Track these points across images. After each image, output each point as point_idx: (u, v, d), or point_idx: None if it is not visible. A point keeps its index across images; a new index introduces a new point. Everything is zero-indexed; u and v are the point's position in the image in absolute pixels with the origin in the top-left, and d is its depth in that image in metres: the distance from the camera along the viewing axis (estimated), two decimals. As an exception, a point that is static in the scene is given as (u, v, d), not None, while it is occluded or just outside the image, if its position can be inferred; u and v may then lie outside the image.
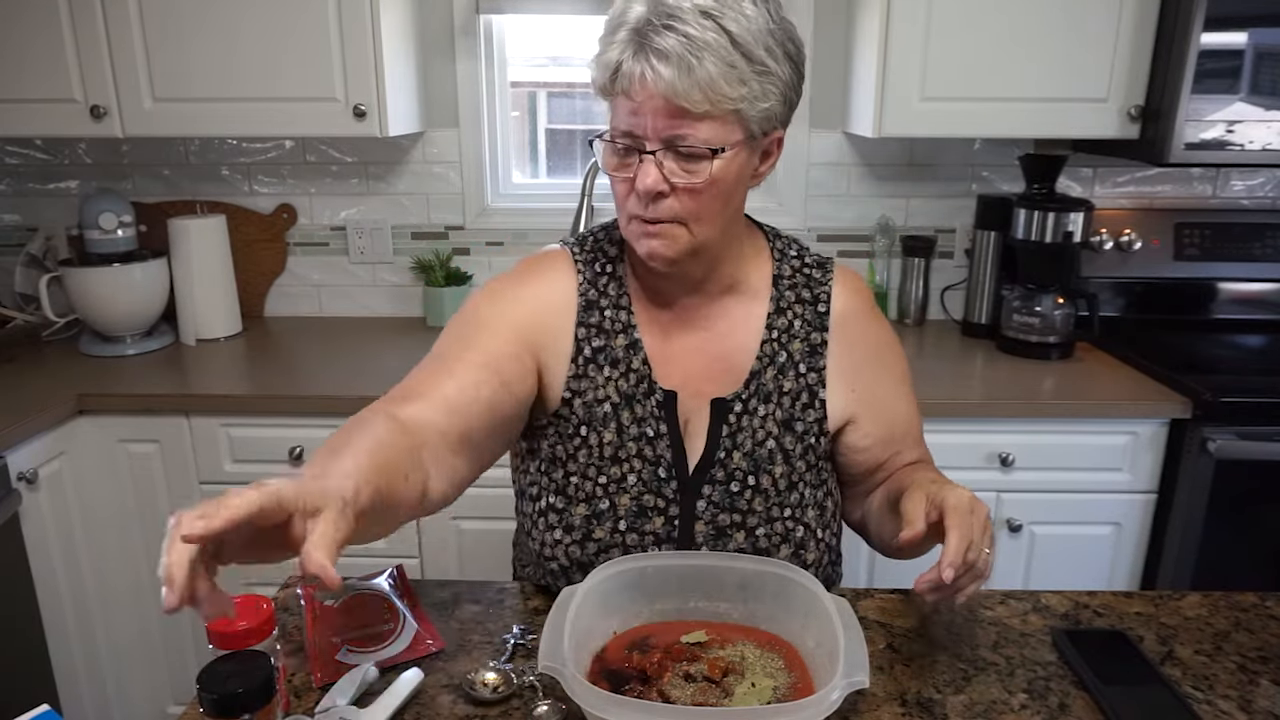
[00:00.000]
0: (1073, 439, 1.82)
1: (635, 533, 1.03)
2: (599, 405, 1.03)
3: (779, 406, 1.05)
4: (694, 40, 0.86)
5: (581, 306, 1.05)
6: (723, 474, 1.04)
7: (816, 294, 1.08)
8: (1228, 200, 2.31)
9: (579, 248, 1.09)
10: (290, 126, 2.02)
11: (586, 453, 1.04)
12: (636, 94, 0.89)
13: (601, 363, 1.04)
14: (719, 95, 0.88)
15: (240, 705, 0.70)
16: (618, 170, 0.95)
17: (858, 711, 0.88)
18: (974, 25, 1.89)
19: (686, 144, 0.90)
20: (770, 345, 1.05)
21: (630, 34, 0.89)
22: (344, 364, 2.04)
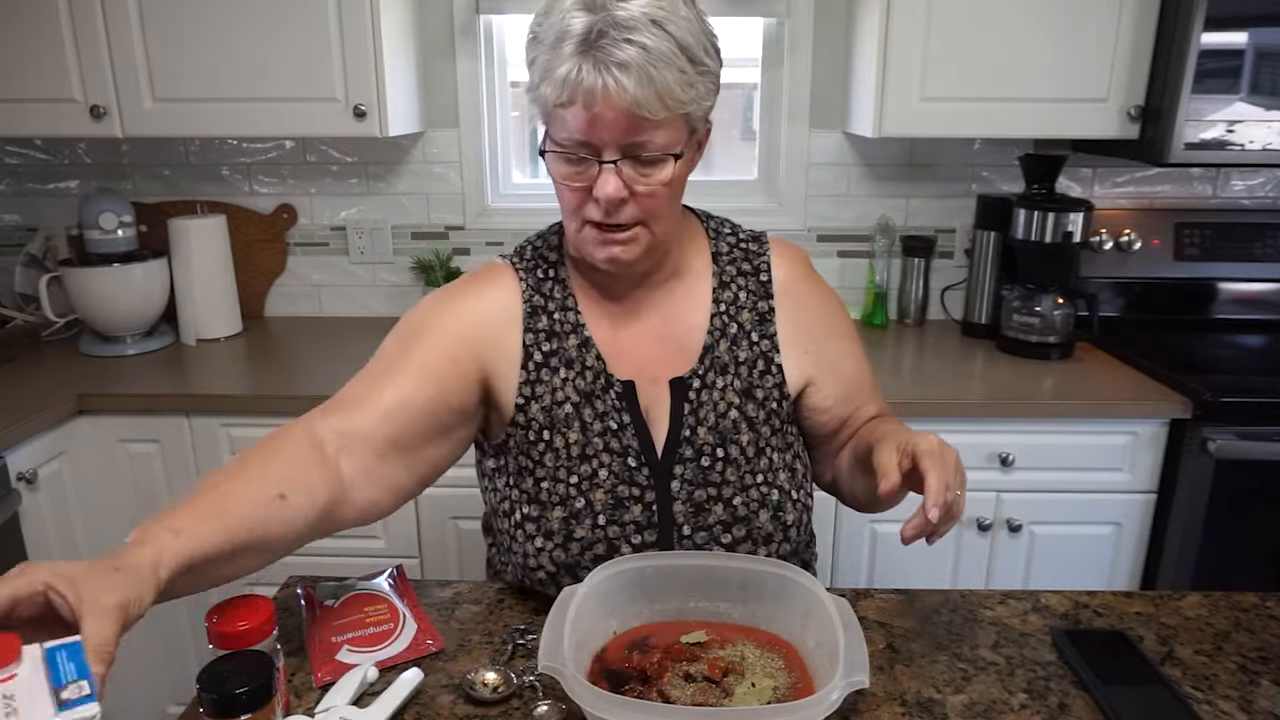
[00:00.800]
0: (1073, 439, 1.82)
1: (616, 525, 1.03)
2: (559, 407, 1.04)
3: (736, 376, 1.06)
4: (650, 51, 0.87)
5: (526, 313, 1.06)
6: (691, 451, 1.04)
7: (756, 265, 1.10)
8: (1228, 200, 2.31)
9: (518, 258, 1.10)
10: (290, 127, 2.02)
11: (553, 456, 1.04)
12: (596, 106, 0.89)
13: (555, 365, 1.04)
14: (676, 102, 0.90)
15: (240, 705, 0.70)
16: (571, 179, 0.95)
17: (858, 711, 0.88)
18: (974, 25, 1.89)
19: (646, 151, 0.92)
20: (719, 319, 1.07)
21: (580, 45, 0.88)
22: (344, 364, 2.02)
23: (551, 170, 0.96)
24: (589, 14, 0.89)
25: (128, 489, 1.89)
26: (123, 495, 1.89)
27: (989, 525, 1.86)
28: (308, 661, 0.95)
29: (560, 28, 0.89)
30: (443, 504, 1.90)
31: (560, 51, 0.89)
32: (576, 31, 0.88)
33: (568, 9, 0.90)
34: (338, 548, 1.92)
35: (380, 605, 1.02)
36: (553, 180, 0.97)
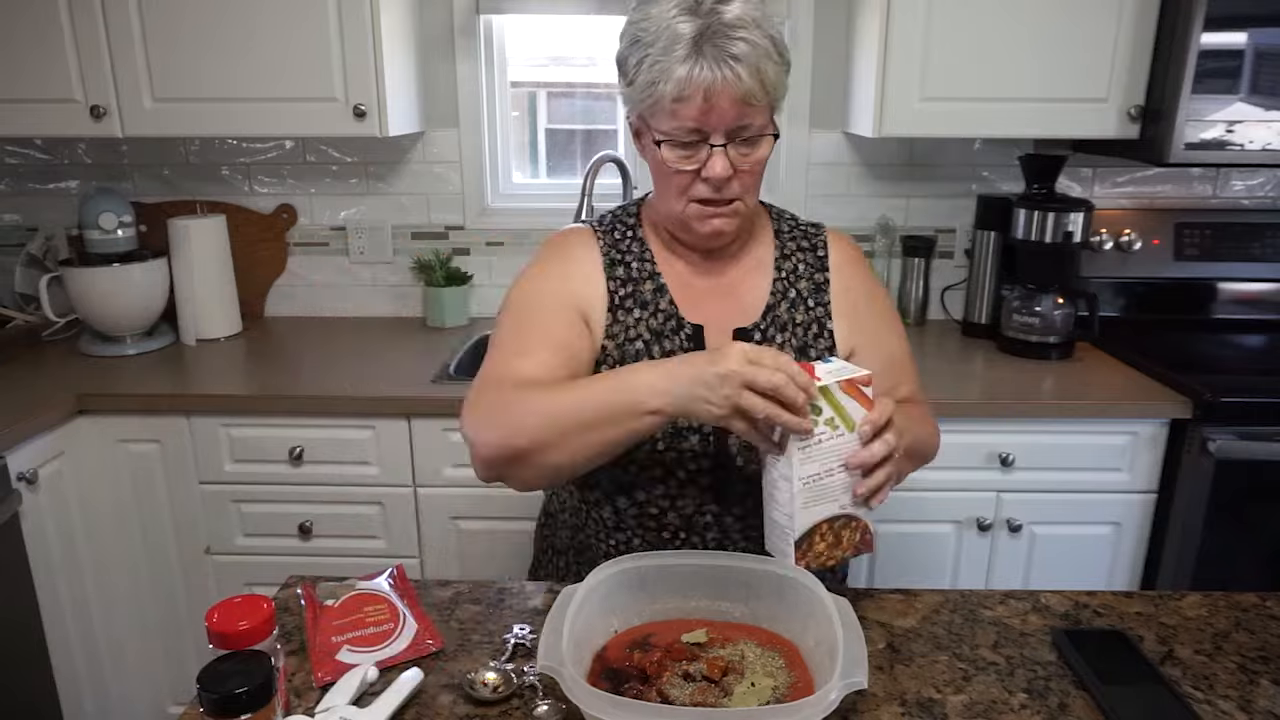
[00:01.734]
0: (1073, 439, 1.82)
1: (673, 451, 1.10)
2: (630, 344, 1.14)
3: (793, 335, 1.17)
4: (756, 46, 1.01)
5: (606, 264, 1.18)
6: None
7: (814, 243, 1.23)
8: (1228, 200, 2.31)
9: (596, 222, 1.23)
10: (290, 126, 2.02)
11: None
12: (715, 97, 1.01)
13: (630, 306, 1.16)
14: (773, 88, 1.04)
15: (240, 705, 0.70)
16: (682, 163, 1.07)
17: (857, 711, 0.88)
18: (974, 25, 1.89)
19: (749, 132, 1.05)
20: (780, 283, 1.19)
21: (693, 46, 1.00)
22: (344, 364, 2.04)
23: (663, 157, 1.07)
24: (693, 17, 1.01)
25: (128, 489, 1.89)
26: (123, 495, 1.89)
27: (989, 525, 1.86)
28: (308, 661, 0.95)
29: (670, 34, 1.01)
30: (443, 504, 1.90)
31: (673, 54, 1.01)
32: (686, 35, 1.00)
33: (672, 17, 1.01)
34: (338, 548, 1.93)
35: (380, 605, 1.02)
36: (657, 166, 1.10)
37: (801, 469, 0.92)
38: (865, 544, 0.99)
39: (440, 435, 1.85)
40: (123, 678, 1.98)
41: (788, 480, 0.93)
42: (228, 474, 1.88)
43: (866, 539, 0.99)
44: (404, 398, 1.83)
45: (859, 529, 0.98)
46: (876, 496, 0.96)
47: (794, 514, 0.93)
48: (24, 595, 1.70)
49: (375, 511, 1.91)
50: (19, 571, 1.68)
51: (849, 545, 0.98)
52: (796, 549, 0.94)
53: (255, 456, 1.87)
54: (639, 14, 1.05)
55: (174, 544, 1.93)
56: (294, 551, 1.92)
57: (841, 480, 0.95)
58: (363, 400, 1.83)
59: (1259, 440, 1.76)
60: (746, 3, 1.02)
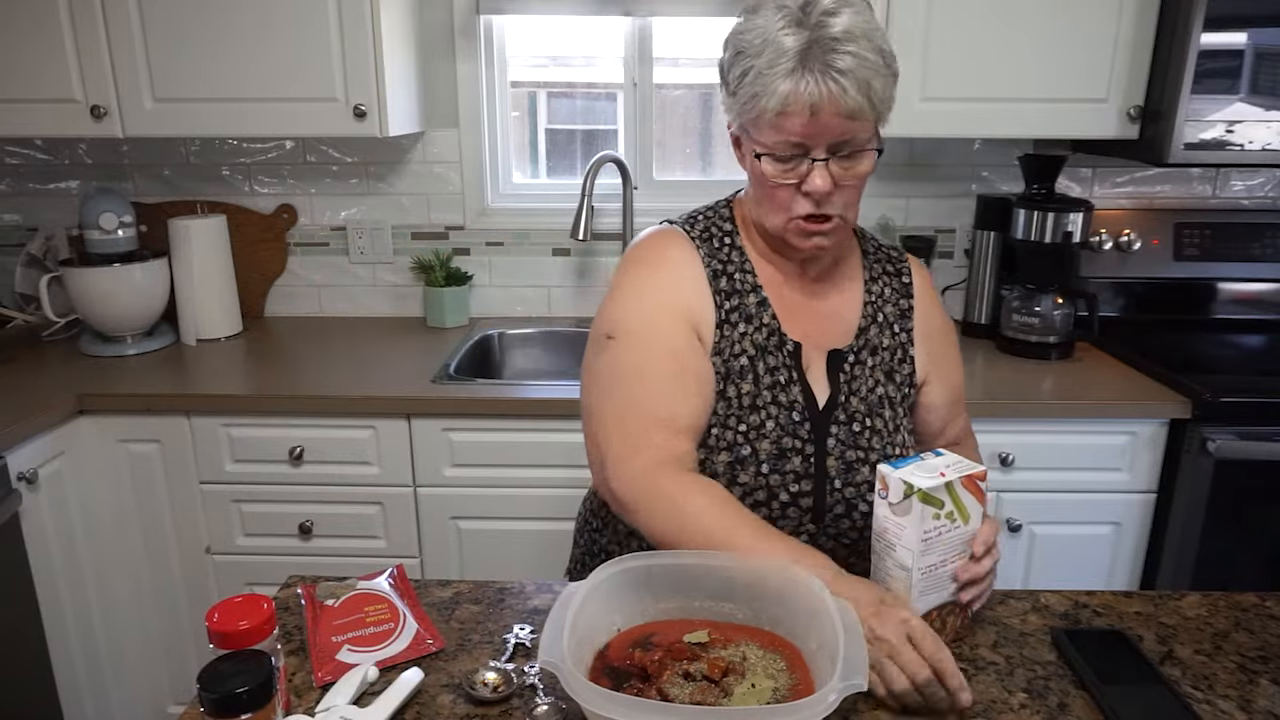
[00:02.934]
0: (1073, 439, 1.82)
1: (777, 473, 1.09)
2: (736, 360, 1.12)
3: (881, 360, 1.17)
4: (866, 61, 0.98)
5: (710, 275, 1.14)
6: (844, 415, 1.13)
7: (899, 269, 1.23)
8: (1228, 200, 2.31)
9: (690, 226, 1.17)
10: (290, 126, 2.02)
11: (725, 405, 1.10)
12: (821, 113, 0.99)
13: (735, 320, 1.13)
14: (880, 102, 1.01)
15: (240, 705, 0.70)
16: (783, 177, 1.05)
17: (857, 711, 0.88)
18: (974, 25, 1.89)
19: (853, 147, 1.03)
20: (871, 306, 1.19)
21: (799, 60, 0.98)
22: (344, 364, 2.04)
23: (764, 170, 1.05)
24: (800, 29, 0.98)
25: (128, 489, 1.89)
26: (123, 495, 1.89)
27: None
28: (308, 661, 0.95)
29: (775, 46, 0.99)
30: (443, 504, 1.90)
31: (777, 68, 0.98)
32: (791, 48, 0.98)
33: (778, 28, 0.99)
34: (338, 548, 1.93)
35: (380, 605, 1.02)
36: (757, 179, 1.08)
37: (921, 560, 0.94)
38: (965, 628, 1.02)
39: (440, 435, 1.85)
40: (123, 678, 1.98)
41: (906, 570, 0.94)
42: (228, 474, 1.88)
43: (966, 623, 1.02)
44: (404, 398, 1.83)
45: (961, 615, 1.00)
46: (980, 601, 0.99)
47: (909, 602, 0.95)
48: (24, 595, 1.70)
49: (375, 511, 1.91)
50: (19, 571, 1.68)
51: (951, 629, 1.00)
52: None
53: (255, 456, 1.87)
54: (745, 24, 1.03)
55: (174, 544, 1.93)
56: (294, 551, 1.92)
57: (952, 569, 0.97)
58: (363, 400, 1.83)
59: (1259, 440, 1.76)
60: (856, 15, 0.99)
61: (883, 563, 0.97)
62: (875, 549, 0.98)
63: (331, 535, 1.92)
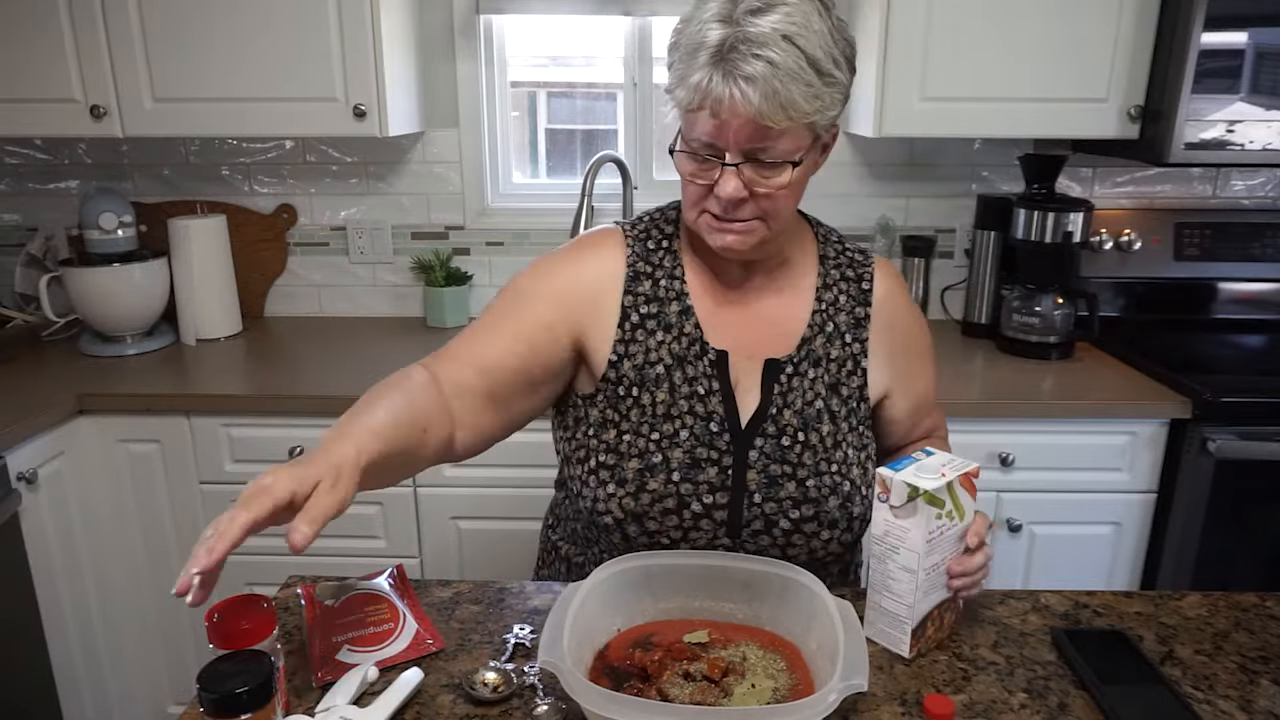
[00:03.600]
0: (1073, 439, 1.82)
1: (689, 483, 1.07)
2: (651, 367, 1.09)
3: (826, 371, 1.12)
4: (777, 66, 0.92)
5: (629, 277, 1.11)
6: (774, 428, 1.09)
7: (860, 274, 1.16)
8: (1228, 200, 2.31)
9: (630, 226, 1.16)
10: (290, 126, 2.02)
11: (639, 412, 1.09)
12: (723, 113, 0.94)
13: (652, 328, 1.10)
14: (799, 114, 0.95)
15: (240, 705, 0.70)
16: (695, 175, 1.01)
17: (857, 711, 0.88)
18: (974, 25, 1.89)
19: (768, 156, 0.98)
20: (820, 315, 1.13)
21: (713, 56, 0.94)
22: (344, 364, 2.04)
23: (678, 166, 1.03)
24: (725, 26, 0.94)
25: (128, 489, 1.89)
26: (123, 495, 1.89)
27: (989, 525, 1.86)
28: (308, 661, 0.95)
29: (698, 38, 0.95)
30: (443, 504, 1.90)
31: (695, 60, 0.95)
32: (711, 43, 0.94)
33: (706, 20, 0.95)
34: (338, 548, 1.93)
35: (380, 605, 1.02)
36: (679, 173, 1.04)
37: (926, 560, 0.94)
38: (960, 621, 1.04)
39: (440, 435, 1.85)
40: (123, 678, 1.98)
41: (910, 571, 0.94)
42: (228, 474, 1.88)
43: (961, 617, 1.04)
44: (404, 398, 1.83)
45: (955, 610, 1.01)
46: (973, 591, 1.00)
47: (914, 603, 0.95)
48: (23, 595, 1.70)
49: (375, 511, 1.91)
50: (19, 571, 1.68)
51: (948, 626, 1.01)
52: (912, 637, 0.96)
53: (255, 456, 1.87)
54: (688, 12, 1.00)
55: (174, 544, 1.93)
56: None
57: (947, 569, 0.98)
58: (363, 400, 1.82)
59: (1259, 440, 1.76)
60: (788, 16, 0.93)
61: (884, 566, 0.97)
62: (875, 553, 0.97)
63: (331, 535, 1.92)
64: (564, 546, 1.23)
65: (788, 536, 1.07)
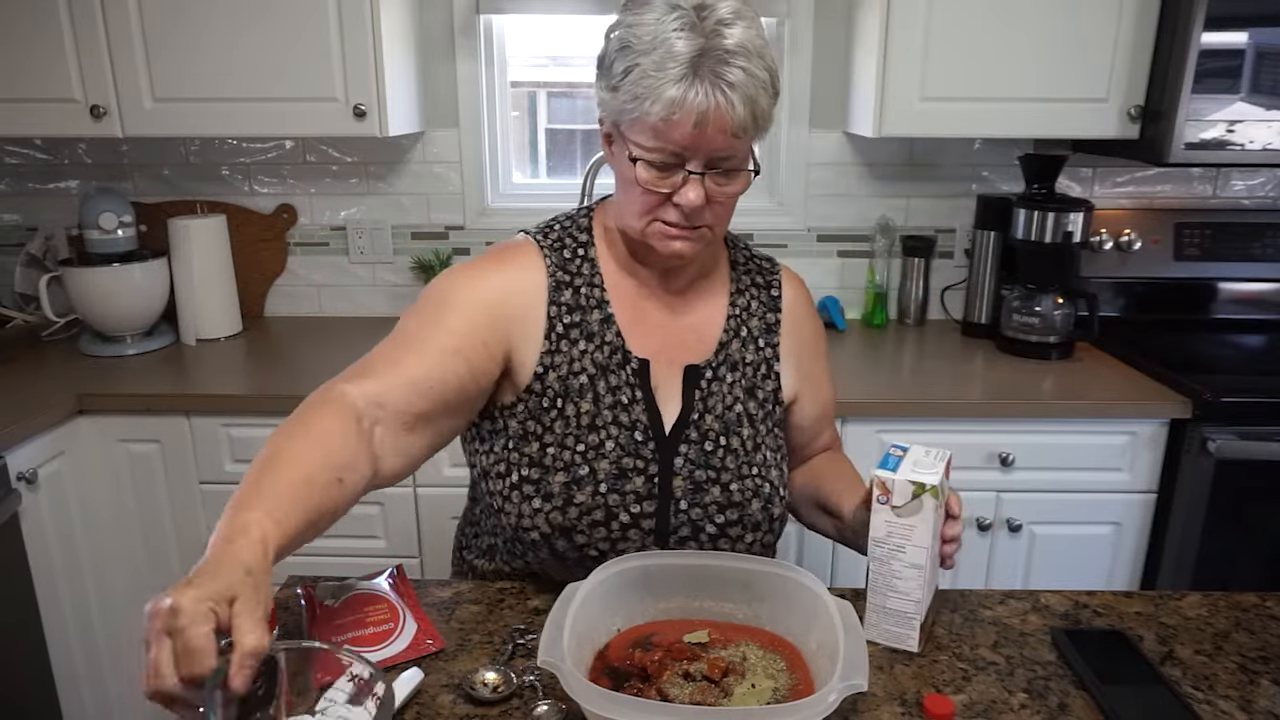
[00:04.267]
0: (1073, 439, 1.82)
1: (616, 493, 1.05)
2: (575, 378, 1.07)
3: (743, 375, 1.14)
4: (755, 78, 0.95)
5: (551, 287, 1.09)
6: (696, 434, 1.09)
7: (769, 281, 1.19)
8: (1228, 200, 2.31)
9: (542, 236, 1.13)
10: (290, 126, 2.02)
11: (563, 424, 1.07)
12: (706, 125, 0.94)
13: (576, 337, 1.08)
14: (765, 124, 0.99)
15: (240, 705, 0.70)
16: (654, 184, 0.99)
17: (857, 711, 0.88)
18: (974, 25, 1.89)
19: (730, 164, 0.99)
20: (734, 320, 1.15)
21: (689, 67, 0.93)
22: (344, 364, 2.02)
23: (637, 175, 0.99)
24: (694, 36, 0.93)
25: (128, 489, 1.89)
26: (123, 495, 1.89)
27: (989, 525, 1.86)
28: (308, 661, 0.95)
29: (665, 48, 0.93)
30: (443, 504, 1.90)
31: (666, 72, 0.93)
32: (684, 53, 0.93)
33: (671, 29, 0.93)
34: (338, 548, 1.92)
35: (380, 605, 1.02)
36: (626, 181, 1.02)
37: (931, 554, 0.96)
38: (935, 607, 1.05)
39: (440, 435, 1.85)
40: (123, 678, 1.98)
41: (919, 568, 0.95)
42: (228, 474, 1.88)
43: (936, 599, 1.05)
44: (404, 398, 1.83)
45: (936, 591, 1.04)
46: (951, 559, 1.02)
47: (922, 598, 0.96)
48: (24, 595, 1.70)
49: (375, 511, 1.91)
50: (19, 571, 1.68)
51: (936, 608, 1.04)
52: (920, 631, 0.97)
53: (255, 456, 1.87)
54: (633, 17, 0.97)
55: (174, 544, 1.93)
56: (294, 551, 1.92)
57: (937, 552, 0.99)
58: (363, 400, 1.83)
59: (1259, 440, 1.76)
60: (749, 29, 0.95)
61: (888, 568, 0.97)
62: (876, 556, 0.97)
63: (331, 535, 1.91)
64: (480, 564, 1.20)
65: (714, 541, 1.07)
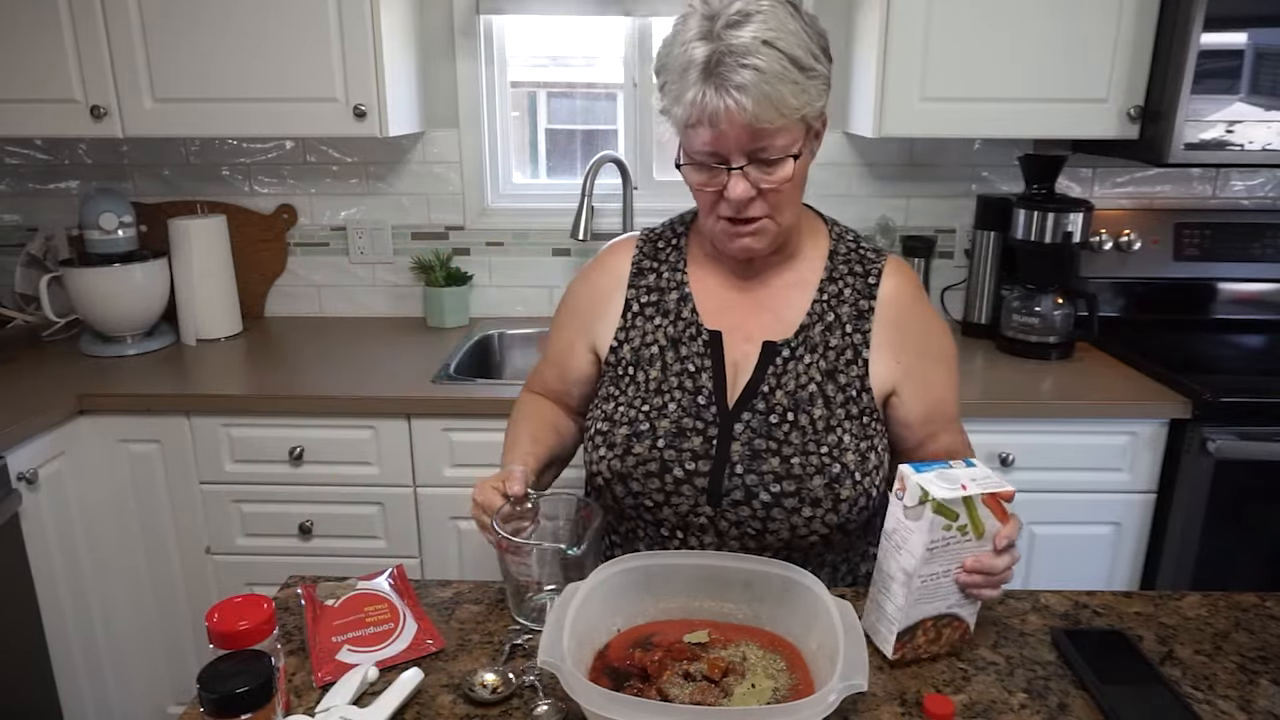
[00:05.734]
0: (1073, 439, 1.82)
1: (673, 449, 1.12)
2: (647, 348, 1.18)
3: (823, 358, 1.15)
4: (764, 71, 0.98)
5: (633, 274, 1.22)
6: (764, 405, 1.13)
7: (869, 269, 1.20)
8: (1228, 200, 2.31)
9: (649, 230, 1.28)
10: (290, 126, 2.02)
11: (634, 388, 1.17)
12: (721, 124, 1.00)
13: (651, 314, 1.19)
14: (790, 110, 1.01)
15: (240, 705, 0.70)
16: (704, 185, 1.08)
17: (857, 711, 0.88)
18: (974, 25, 1.89)
19: (769, 154, 1.03)
20: (820, 305, 1.17)
21: (702, 73, 1.00)
22: (344, 364, 2.04)
23: (687, 178, 1.09)
24: (708, 43, 1.00)
25: (128, 489, 1.89)
26: (123, 495, 1.89)
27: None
28: (308, 661, 0.95)
29: (685, 58, 1.01)
30: (443, 504, 1.90)
31: (686, 79, 1.01)
32: (699, 60, 1.00)
33: (690, 40, 1.01)
34: (338, 548, 1.93)
35: (380, 605, 1.02)
36: (689, 186, 1.11)
37: (925, 568, 0.92)
38: (962, 642, 1.00)
39: (440, 435, 1.85)
40: (123, 678, 1.98)
41: (907, 574, 0.93)
42: (228, 474, 1.88)
43: (965, 638, 0.99)
44: (404, 398, 1.83)
45: (960, 629, 0.98)
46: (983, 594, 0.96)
47: (905, 608, 0.94)
48: (24, 595, 1.70)
49: (375, 511, 1.91)
50: (19, 571, 1.68)
51: (947, 643, 0.98)
52: (898, 639, 0.95)
53: (255, 456, 1.87)
54: (669, 35, 1.06)
55: (174, 544, 1.93)
56: (294, 551, 1.92)
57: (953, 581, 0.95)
58: (363, 400, 1.83)
59: (1259, 440, 1.76)
60: (764, 23, 0.99)
61: (888, 563, 0.96)
62: (883, 546, 0.97)
63: (331, 535, 1.92)
64: None
65: (768, 509, 1.09)
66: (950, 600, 0.95)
